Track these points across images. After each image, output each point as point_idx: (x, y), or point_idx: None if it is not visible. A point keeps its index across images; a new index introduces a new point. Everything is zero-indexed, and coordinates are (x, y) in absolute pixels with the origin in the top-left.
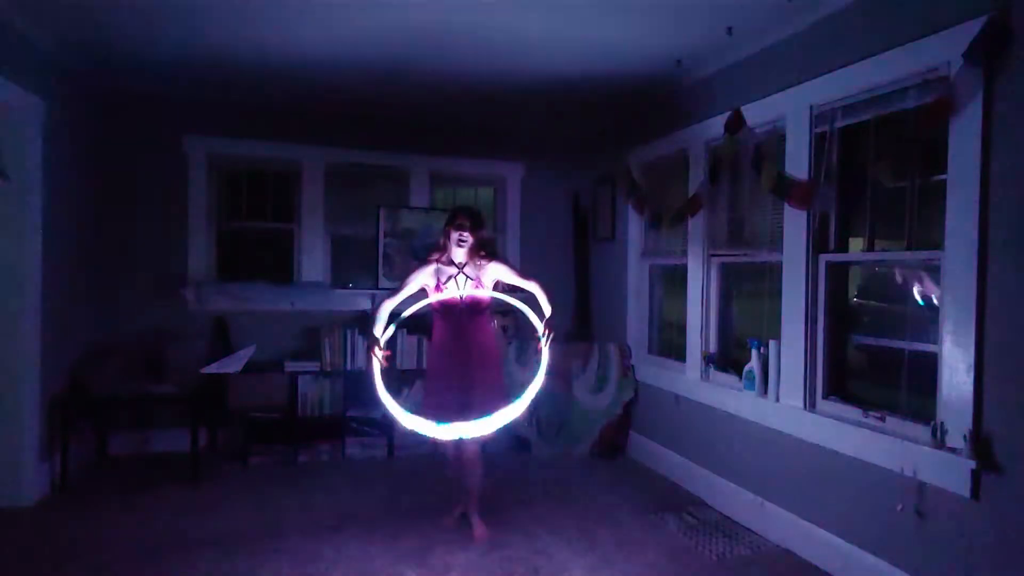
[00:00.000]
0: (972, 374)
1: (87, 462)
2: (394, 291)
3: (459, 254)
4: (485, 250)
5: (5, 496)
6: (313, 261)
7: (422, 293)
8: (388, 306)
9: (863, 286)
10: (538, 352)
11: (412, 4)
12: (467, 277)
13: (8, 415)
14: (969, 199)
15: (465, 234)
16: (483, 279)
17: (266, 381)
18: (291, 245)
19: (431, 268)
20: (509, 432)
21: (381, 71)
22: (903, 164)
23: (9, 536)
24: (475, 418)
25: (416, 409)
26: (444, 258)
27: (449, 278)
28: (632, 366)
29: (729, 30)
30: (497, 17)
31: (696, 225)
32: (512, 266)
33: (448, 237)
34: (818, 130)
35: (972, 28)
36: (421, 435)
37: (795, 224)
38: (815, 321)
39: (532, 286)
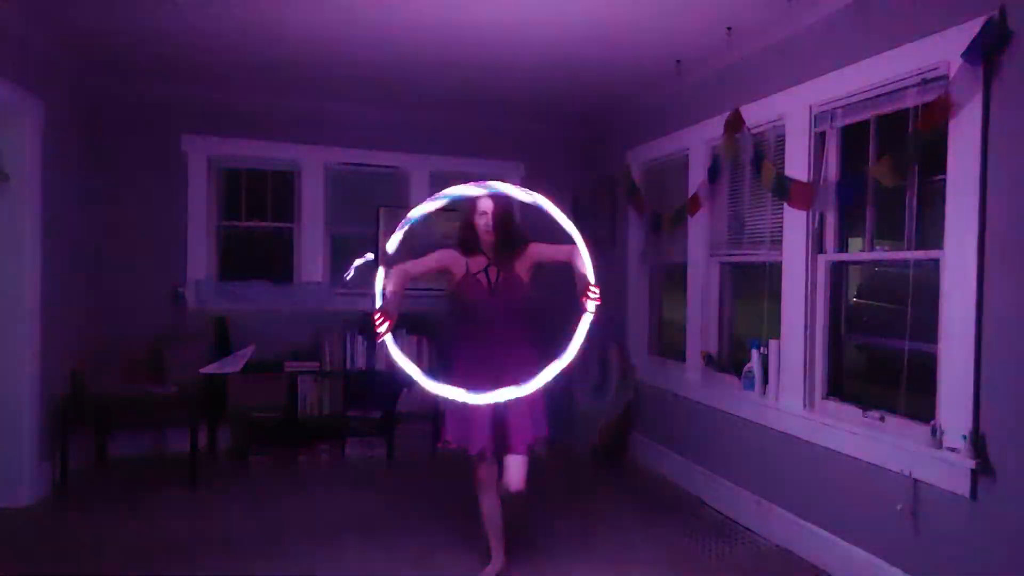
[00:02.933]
0: (971, 374)
1: (86, 463)
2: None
3: (487, 242)
4: (516, 236)
5: (4, 496)
6: (313, 261)
7: (442, 276)
8: (403, 271)
9: (863, 286)
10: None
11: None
12: (499, 271)
13: (8, 416)
14: (969, 199)
15: (488, 216)
16: (519, 271)
17: (266, 381)
18: (291, 245)
19: (457, 253)
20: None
21: (380, 61)
22: (903, 164)
23: (9, 536)
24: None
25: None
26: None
27: (479, 271)
28: (632, 366)
29: (729, 29)
30: (497, 11)
31: (696, 225)
32: (548, 242)
33: (473, 227)
34: (818, 130)
35: (971, 28)
36: (422, 437)
37: (795, 224)
38: (815, 321)
39: (573, 249)
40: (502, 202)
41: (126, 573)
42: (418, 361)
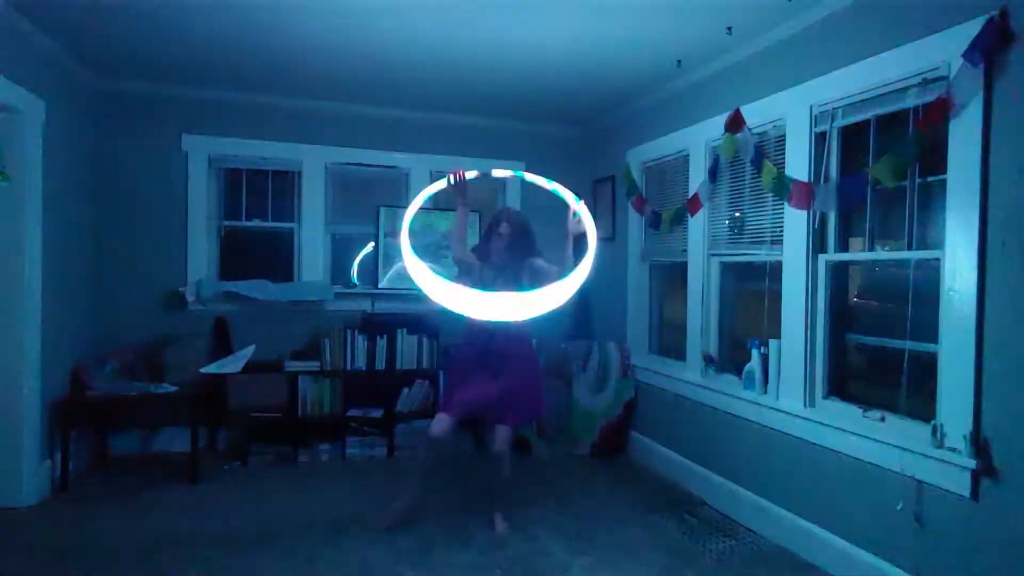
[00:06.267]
0: (972, 374)
1: (87, 462)
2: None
3: (501, 255)
4: (524, 253)
5: (5, 496)
6: (313, 261)
7: (467, 268)
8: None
9: (863, 286)
10: (578, 222)
11: (411, 7)
12: (504, 284)
13: (8, 415)
14: (969, 199)
15: (503, 240)
16: (521, 281)
17: (266, 381)
18: (291, 245)
19: (476, 256)
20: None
21: (380, 62)
22: (903, 164)
23: (9, 536)
24: (505, 415)
25: (441, 401)
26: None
27: (492, 279)
28: (632, 366)
29: (729, 30)
30: (498, 15)
31: (696, 225)
32: (546, 259)
33: (490, 240)
34: (818, 130)
35: (972, 28)
36: (423, 437)
37: (795, 224)
38: (815, 321)
39: (553, 270)
40: (519, 226)
41: (128, 572)
42: (418, 360)
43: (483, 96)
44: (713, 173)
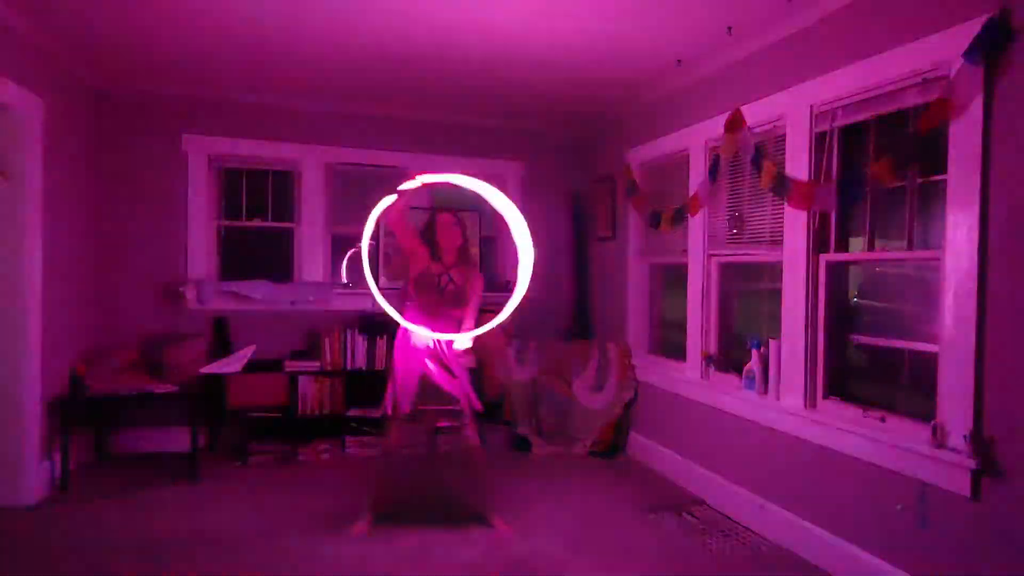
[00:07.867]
0: (972, 374)
1: (87, 461)
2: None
3: (447, 258)
4: (470, 260)
5: (5, 495)
6: (313, 260)
7: (408, 255)
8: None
9: (863, 286)
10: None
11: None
12: (451, 280)
13: (8, 414)
14: (969, 199)
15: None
16: (463, 284)
17: (266, 380)
18: (291, 244)
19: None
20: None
21: (380, 61)
22: (903, 164)
23: (9, 536)
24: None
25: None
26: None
27: (439, 273)
28: (632, 365)
29: (729, 29)
30: (498, 13)
31: (696, 225)
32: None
33: (438, 233)
34: (818, 130)
35: (972, 27)
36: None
37: (795, 224)
38: (815, 321)
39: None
40: (464, 230)
41: (128, 572)
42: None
43: (483, 96)
44: (713, 173)
